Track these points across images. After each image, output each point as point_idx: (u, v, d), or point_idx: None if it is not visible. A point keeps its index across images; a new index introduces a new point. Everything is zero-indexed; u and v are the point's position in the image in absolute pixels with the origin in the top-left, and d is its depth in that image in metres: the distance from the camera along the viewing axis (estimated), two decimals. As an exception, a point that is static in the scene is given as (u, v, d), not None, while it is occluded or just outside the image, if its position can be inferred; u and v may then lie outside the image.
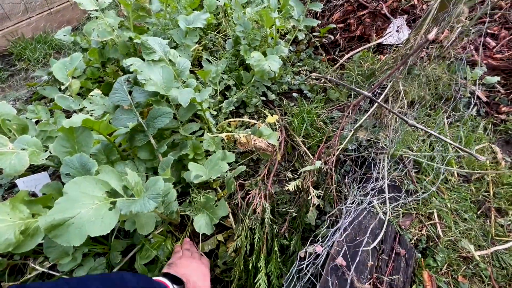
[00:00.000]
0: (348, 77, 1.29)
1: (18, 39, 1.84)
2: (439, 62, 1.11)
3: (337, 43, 1.59)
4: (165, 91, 0.75)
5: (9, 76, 1.73)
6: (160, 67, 0.78)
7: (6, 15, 1.76)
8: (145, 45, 0.79)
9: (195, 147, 0.88)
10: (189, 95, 0.76)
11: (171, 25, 1.20)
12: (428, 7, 1.31)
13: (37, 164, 0.77)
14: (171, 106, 0.83)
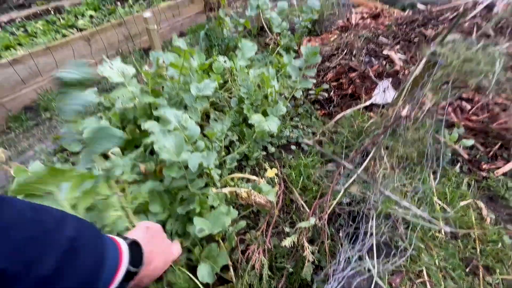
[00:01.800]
0: (340, 135, 1.42)
1: (46, 92, 2.06)
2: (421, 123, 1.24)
3: (332, 99, 1.76)
4: (177, 157, 0.87)
5: (35, 125, 1.91)
6: (173, 135, 0.91)
7: (39, 72, 2.00)
8: (163, 118, 0.93)
9: (201, 202, 0.97)
10: (197, 160, 0.87)
11: (183, 89, 1.37)
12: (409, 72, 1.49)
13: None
14: (181, 167, 0.94)
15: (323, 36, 2.46)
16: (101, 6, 3.29)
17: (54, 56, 2.05)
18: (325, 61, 1.92)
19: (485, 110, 1.25)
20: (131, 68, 1.25)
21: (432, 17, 1.66)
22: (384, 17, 2.10)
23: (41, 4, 4.88)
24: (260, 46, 2.54)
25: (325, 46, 2.06)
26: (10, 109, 1.89)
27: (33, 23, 2.86)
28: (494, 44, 1.13)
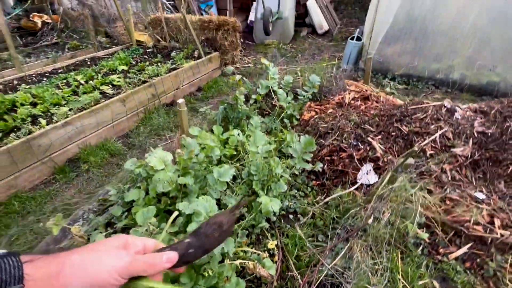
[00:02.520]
0: (330, 210, 1.75)
1: (86, 146, 2.44)
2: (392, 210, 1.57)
3: (325, 172, 2.12)
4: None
5: (75, 176, 2.27)
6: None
7: (83, 130, 2.40)
8: (195, 211, 1.28)
9: (219, 274, 1.29)
10: (220, 247, 1.21)
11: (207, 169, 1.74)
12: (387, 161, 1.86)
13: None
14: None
15: (322, 106, 2.88)
16: (131, 60, 3.79)
17: (96, 117, 2.46)
18: (321, 136, 2.30)
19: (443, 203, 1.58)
20: (169, 154, 1.61)
21: (407, 114, 2.07)
22: (372, 101, 2.53)
23: (74, 44, 5.47)
24: (267, 107, 2.96)
25: (321, 121, 2.46)
26: (57, 162, 2.25)
27: (74, 75, 3.32)
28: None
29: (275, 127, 2.66)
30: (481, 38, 3.10)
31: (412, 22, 3.35)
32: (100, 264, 0.39)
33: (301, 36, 5.96)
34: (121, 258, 0.40)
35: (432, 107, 2.02)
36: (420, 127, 1.91)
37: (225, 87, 3.80)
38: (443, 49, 3.35)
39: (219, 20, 3.90)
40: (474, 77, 3.26)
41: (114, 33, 5.83)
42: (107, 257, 0.40)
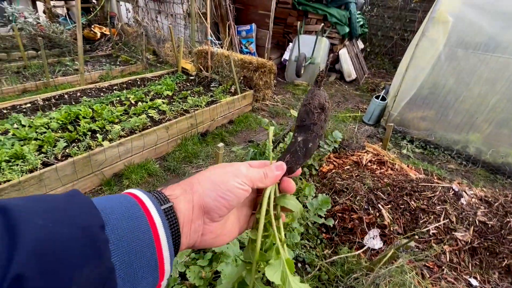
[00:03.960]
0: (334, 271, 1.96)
1: (130, 164, 2.81)
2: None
3: (335, 227, 2.34)
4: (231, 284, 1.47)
5: (118, 190, 2.61)
6: (231, 267, 1.52)
7: (131, 150, 2.78)
8: (224, 253, 1.55)
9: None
10: (241, 287, 1.47)
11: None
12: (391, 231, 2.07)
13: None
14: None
15: (340, 160, 3.14)
16: (175, 86, 4.27)
17: (144, 140, 2.85)
18: (337, 193, 2.55)
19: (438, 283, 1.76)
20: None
21: (417, 190, 2.29)
22: (387, 167, 2.77)
23: (125, 58, 6.11)
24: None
25: (338, 177, 2.71)
26: (105, 175, 2.62)
27: (126, 94, 3.80)
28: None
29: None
30: (500, 121, 3.31)
31: (435, 94, 3.62)
32: (225, 173, 0.43)
33: (329, 81, 6.34)
34: (242, 168, 0.45)
35: (440, 188, 2.23)
36: (427, 205, 2.12)
37: (253, 123, 4.15)
38: (462, 123, 3.57)
39: (259, 63, 4.34)
40: (490, 155, 3.43)
41: (161, 53, 6.48)
42: (230, 167, 0.45)
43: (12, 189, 2.01)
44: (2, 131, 2.72)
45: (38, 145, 2.55)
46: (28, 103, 3.30)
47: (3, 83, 4.22)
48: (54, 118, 2.93)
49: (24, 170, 2.23)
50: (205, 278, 1.65)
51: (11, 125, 2.79)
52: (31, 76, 4.64)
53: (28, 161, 2.30)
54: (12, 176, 2.14)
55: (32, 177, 2.10)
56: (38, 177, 2.13)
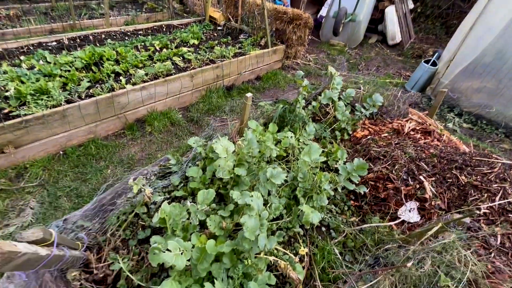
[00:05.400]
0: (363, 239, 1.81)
1: (153, 111, 2.70)
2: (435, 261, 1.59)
3: (366, 195, 2.15)
4: (253, 236, 1.36)
5: (140, 136, 2.55)
6: (254, 219, 1.40)
7: (154, 96, 2.65)
8: (248, 205, 1.43)
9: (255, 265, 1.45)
10: (264, 241, 1.35)
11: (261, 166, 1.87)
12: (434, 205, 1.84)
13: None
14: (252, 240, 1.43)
15: (377, 127, 2.83)
16: (202, 36, 3.97)
17: (167, 86, 2.69)
18: (371, 160, 2.31)
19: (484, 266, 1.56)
20: (231, 145, 1.76)
21: (470, 164, 1.97)
22: (434, 138, 2.43)
23: (151, 5, 5.79)
24: (321, 113, 2.97)
25: (374, 144, 2.44)
26: (128, 119, 2.55)
27: (151, 40, 3.59)
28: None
29: (324, 136, 2.70)
30: None
31: (500, 62, 3.06)
32: None
33: (369, 43, 5.69)
34: None
35: (500, 165, 1.91)
36: (480, 182, 1.83)
37: (282, 81, 3.85)
38: (528, 97, 3.05)
39: (294, 14, 3.88)
40: (555, 137, 2.94)
41: (188, 1, 6.05)
42: None
43: (36, 121, 1.98)
44: (28, 66, 2.67)
45: (63, 82, 2.48)
46: (54, 41, 3.21)
47: (32, 23, 4.15)
48: (79, 57, 2.82)
49: (48, 105, 2.19)
50: (226, 229, 1.57)
51: (37, 61, 2.72)
52: (58, 18, 4.52)
53: (52, 97, 2.25)
54: (36, 110, 2.10)
55: (56, 112, 2.04)
56: (62, 113, 2.07)
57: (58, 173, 2.06)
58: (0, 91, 2.28)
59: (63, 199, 1.89)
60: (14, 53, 2.89)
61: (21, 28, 3.88)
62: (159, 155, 2.39)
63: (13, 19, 4.24)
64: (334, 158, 2.27)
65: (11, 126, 1.86)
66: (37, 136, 2.02)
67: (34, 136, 2.00)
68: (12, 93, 2.21)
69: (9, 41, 3.01)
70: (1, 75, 2.43)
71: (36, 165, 2.05)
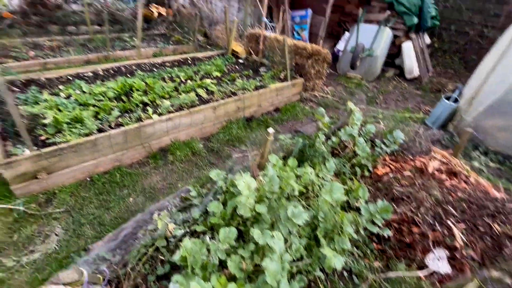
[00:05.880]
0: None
1: (176, 140, 2.80)
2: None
3: (389, 239, 2.05)
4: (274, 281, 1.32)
5: (162, 165, 2.62)
6: (275, 263, 1.36)
7: (179, 126, 2.76)
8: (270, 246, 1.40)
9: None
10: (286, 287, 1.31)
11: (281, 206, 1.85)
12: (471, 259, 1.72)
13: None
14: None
15: (398, 164, 2.77)
16: (224, 68, 4.18)
17: (192, 118, 2.81)
18: (394, 200, 2.24)
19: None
20: (253, 182, 1.78)
21: (503, 212, 1.87)
22: (460, 179, 2.35)
23: (177, 38, 6.21)
24: (339, 146, 2.96)
25: (397, 182, 2.38)
26: (152, 148, 2.65)
27: (177, 71, 3.82)
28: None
29: (344, 171, 2.66)
30: None
31: (528, 101, 2.99)
32: None
33: (386, 76, 5.76)
34: None
35: (536, 214, 1.80)
36: (516, 233, 1.72)
37: (300, 113, 3.91)
38: (560, 139, 2.91)
39: (313, 49, 4.04)
40: None
41: (211, 35, 6.47)
42: None
43: (70, 149, 2.09)
44: (66, 95, 2.89)
45: (95, 111, 2.65)
46: (90, 72, 3.48)
47: (71, 53, 4.55)
48: (111, 88, 3.03)
49: (82, 133, 2.33)
50: (246, 271, 1.53)
51: (74, 91, 2.95)
52: (94, 49, 4.94)
53: (85, 126, 2.39)
54: (71, 138, 2.24)
55: (88, 141, 2.17)
56: (93, 141, 2.19)
57: (83, 200, 2.13)
58: (39, 118, 2.47)
59: (86, 226, 1.93)
60: (54, 82, 3.15)
61: (62, 58, 4.25)
62: (179, 184, 2.43)
63: (55, 50, 4.67)
64: (355, 196, 2.22)
65: (47, 153, 1.98)
66: (68, 163, 2.13)
67: (66, 163, 2.11)
68: (50, 121, 2.38)
69: (51, 71, 3.29)
70: (41, 103, 2.64)
71: (65, 191, 2.13)
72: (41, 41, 4.83)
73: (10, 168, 1.86)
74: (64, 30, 5.66)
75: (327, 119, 2.50)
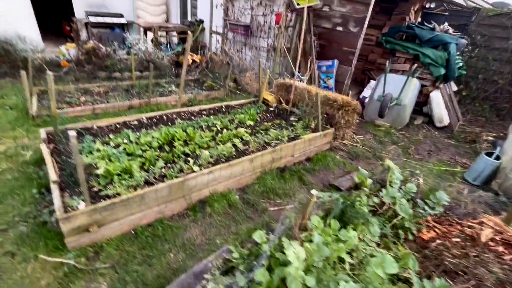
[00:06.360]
0: None
1: (214, 192, 2.86)
2: None
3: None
4: None
5: (201, 217, 2.65)
6: None
7: (219, 178, 2.84)
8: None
9: None
10: None
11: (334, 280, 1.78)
12: None
13: None
14: None
15: (443, 227, 2.62)
16: (257, 118, 4.37)
17: (231, 170, 2.89)
18: (446, 273, 2.08)
19: None
20: (302, 252, 1.75)
21: None
22: (520, 252, 2.17)
23: (209, 84, 6.65)
24: (376, 203, 2.87)
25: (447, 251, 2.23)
26: (192, 200, 2.71)
27: (213, 120, 4.04)
28: None
29: (385, 233, 2.55)
30: None
31: None
32: None
33: (414, 124, 5.73)
34: None
35: None
36: None
37: (331, 163, 3.91)
38: None
39: (343, 101, 4.17)
40: None
41: (241, 81, 6.90)
42: None
43: (121, 203, 2.20)
44: (115, 144, 3.11)
45: (142, 162, 2.81)
46: (135, 120, 3.76)
47: (116, 99, 4.99)
48: (155, 138, 3.24)
49: (129, 185, 2.45)
50: None
51: (122, 140, 3.18)
52: (136, 94, 5.39)
53: (133, 177, 2.53)
54: (120, 190, 2.36)
55: (138, 195, 2.27)
56: (142, 195, 2.29)
57: (127, 254, 2.16)
58: (92, 168, 2.65)
59: (130, 286, 1.94)
60: (104, 130, 3.43)
61: (109, 104, 4.66)
62: (218, 240, 2.43)
63: (102, 95, 5.15)
64: (403, 265, 2.09)
65: (102, 208, 2.09)
66: (117, 216, 2.22)
67: (115, 216, 2.20)
68: (102, 171, 2.54)
69: (102, 120, 3.60)
70: (95, 152, 2.85)
71: (111, 244, 2.19)
72: (90, 87, 5.36)
73: (69, 222, 1.97)
74: (110, 76, 6.29)
75: (370, 181, 2.49)
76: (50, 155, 2.68)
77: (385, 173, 3.15)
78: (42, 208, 2.49)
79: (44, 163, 3.10)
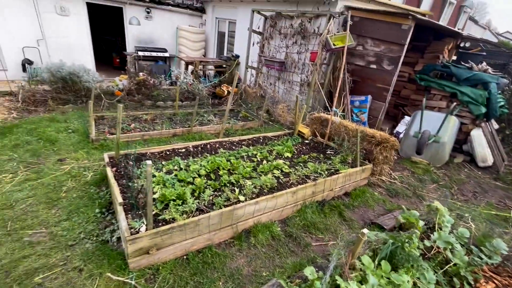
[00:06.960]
0: None
1: (258, 223, 2.94)
2: None
3: None
4: None
5: (246, 247, 2.72)
6: None
7: (257, 211, 2.93)
8: None
9: None
10: None
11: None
12: None
13: None
14: None
15: (503, 279, 2.45)
16: (294, 150, 4.51)
17: (275, 201, 2.98)
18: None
19: None
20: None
21: None
22: None
23: (244, 114, 6.98)
24: (423, 245, 2.75)
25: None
26: (238, 229, 2.80)
27: (252, 150, 4.23)
28: None
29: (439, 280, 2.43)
30: None
31: None
32: None
33: (454, 163, 5.53)
34: None
35: None
36: None
37: (370, 199, 3.86)
38: None
39: (382, 137, 4.20)
40: None
41: (274, 112, 7.19)
42: None
43: (178, 228, 2.35)
44: (167, 170, 3.37)
45: (192, 189, 3.00)
46: (183, 148, 4.06)
47: (161, 126, 5.42)
48: (203, 166, 3.46)
49: (182, 211, 2.62)
50: None
51: (173, 167, 3.43)
52: (179, 122, 5.82)
53: (187, 204, 2.70)
54: (176, 215, 2.53)
55: (193, 221, 2.42)
56: (196, 222, 2.43)
57: (180, 279, 2.26)
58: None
59: (185, 311, 2.00)
60: (157, 156, 3.73)
61: (155, 131, 5.07)
62: (264, 272, 2.45)
63: (149, 122, 5.62)
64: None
65: (162, 231, 2.25)
66: (173, 241, 2.36)
67: (172, 241, 2.35)
68: (158, 196, 2.75)
69: (154, 147, 3.93)
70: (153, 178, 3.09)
71: (166, 268, 2.31)
72: (139, 115, 5.88)
73: (134, 243, 2.13)
74: (154, 104, 6.87)
75: (421, 223, 2.45)
76: (114, 178, 2.96)
77: (431, 215, 3.06)
78: (103, 227, 2.71)
79: (103, 184, 3.42)
